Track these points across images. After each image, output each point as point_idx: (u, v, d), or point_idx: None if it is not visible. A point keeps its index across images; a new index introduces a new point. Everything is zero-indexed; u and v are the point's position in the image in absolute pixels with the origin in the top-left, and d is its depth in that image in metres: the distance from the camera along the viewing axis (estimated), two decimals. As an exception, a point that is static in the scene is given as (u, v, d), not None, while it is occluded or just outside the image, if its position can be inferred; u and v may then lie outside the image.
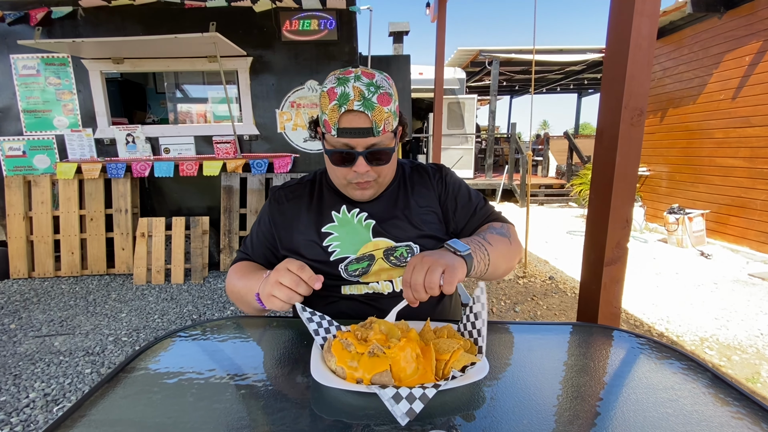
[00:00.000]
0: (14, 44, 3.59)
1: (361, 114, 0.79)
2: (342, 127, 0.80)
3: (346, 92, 0.79)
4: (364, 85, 0.80)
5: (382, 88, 0.81)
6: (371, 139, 0.81)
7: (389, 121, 0.83)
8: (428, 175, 1.01)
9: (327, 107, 0.81)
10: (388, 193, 0.97)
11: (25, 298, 3.26)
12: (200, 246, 3.71)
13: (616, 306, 1.04)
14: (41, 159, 3.91)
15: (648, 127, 6.09)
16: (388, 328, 0.67)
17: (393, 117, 0.84)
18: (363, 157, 0.83)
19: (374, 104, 0.79)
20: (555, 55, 8.15)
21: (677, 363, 0.67)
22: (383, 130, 0.82)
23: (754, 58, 4.39)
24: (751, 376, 2.19)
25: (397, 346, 0.59)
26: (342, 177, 0.88)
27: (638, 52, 0.89)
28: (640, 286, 3.54)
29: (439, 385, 0.54)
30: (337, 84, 0.80)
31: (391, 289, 0.91)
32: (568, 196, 8.37)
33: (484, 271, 0.82)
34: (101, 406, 0.55)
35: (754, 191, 4.40)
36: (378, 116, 0.80)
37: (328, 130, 0.83)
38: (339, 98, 0.79)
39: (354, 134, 0.80)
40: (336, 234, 0.92)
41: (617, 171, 0.96)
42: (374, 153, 0.84)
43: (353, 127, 0.80)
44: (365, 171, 0.84)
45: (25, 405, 1.91)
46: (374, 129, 0.80)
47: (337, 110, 0.79)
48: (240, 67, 3.88)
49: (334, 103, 0.79)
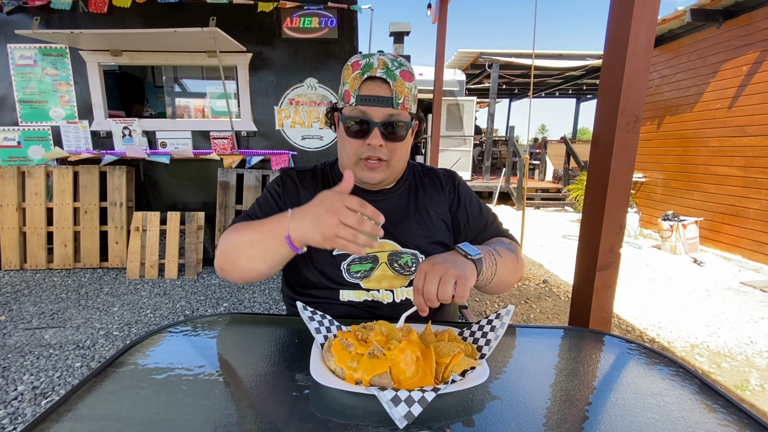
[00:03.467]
0: (11, 34, 3.55)
1: (382, 82, 0.81)
2: (362, 94, 0.81)
3: (371, 62, 0.81)
4: (388, 59, 0.82)
5: (405, 66, 0.83)
6: (389, 109, 0.81)
7: (408, 99, 0.83)
8: (440, 181, 1.00)
9: (349, 77, 0.82)
10: (399, 193, 0.95)
11: (16, 290, 3.23)
12: (195, 241, 3.70)
13: (608, 311, 1.05)
14: (36, 150, 3.88)
15: (644, 134, 6.13)
16: (389, 329, 0.67)
17: (413, 98, 0.85)
18: (378, 129, 0.82)
19: (396, 75, 0.81)
20: (555, 60, 8.20)
21: (666, 369, 0.68)
22: (402, 104, 0.82)
23: (750, 68, 4.43)
24: (740, 384, 2.21)
25: (397, 348, 0.59)
26: (354, 152, 0.85)
27: (635, 59, 0.90)
28: (633, 292, 3.56)
29: (439, 388, 0.54)
30: (362, 57, 0.83)
31: (391, 299, 0.89)
32: (564, 200, 8.41)
33: (489, 279, 0.81)
34: (88, 401, 0.55)
35: (748, 200, 4.44)
36: (399, 88, 0.81)
37: (347, 101, 0.83)
38: (363, 67, 0.81)
39: (373, 102, 0.81)
40: None
41: (612, 177, 0.97)
42: (390, 125, 0.83)
43: (373, 94, 0.81)
44: (379, 144, 0.83)
45: (13, 398, 1.90)
46: (394, 99, 0.81)
47: (359, 78, 0.81)
48: (239, 63, 3.86)
49: (357, 72, 0.81)
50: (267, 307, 3.06)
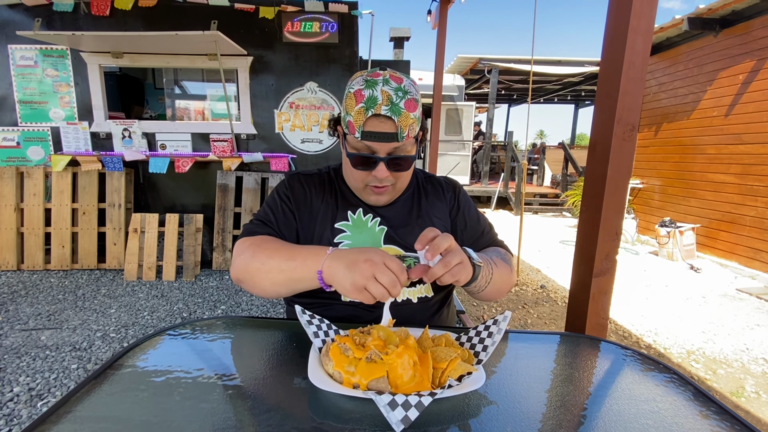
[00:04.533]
0: (12, 34, 3.56)
1: (387, 119, 0.79)
2: (367, 130, 0.80)
3: (374, 96, 0.78)
4: (392, 89, 0.79)
5: (409, 93, 0.81)
6: (394, 144, 0.82)
7: (413, 127, 0.83)
8: (442, 188, 1.03)
9: (353, 109, 0.80)
10: (403, 200, 0.98)
11: (13, 291, 3.22)
12: (193, 243, 3.69)
13: (604, 317, 1.06)
14: (35, 150, 3.88)
15: (642, 141, 6.17)
16: (387, 334, 0.67)
17: (417, 122, 0.84)
18: (384, 163, 0.83)
19: (401, 110, 0.79)
20: (553, 66, 8.24)
21: (660, 375, 0.68)
22: (407, 135, 0.82)
23: (747, 76, 4.48)
24: (736, 390, 2.22)
25: (394, 352, 0.60)
26: (360, 180, 0.88)
27: (632, 68, 0.91)
28: (630, 298, 3.57)
29: (435, 393, 0.54)
30: (365, 86, 0.79)
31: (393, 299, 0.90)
32: (562, 206, 8.44)
33: (483, 287, 0.83)
34: (87, 403, 0.55)
35: (745, 207, 4.47)
36: (404, 122, 0.80)
37: (351, 132, 0.82)
38: (366, 101, 0.78)
39: (378, 138, 0.80)
40: (348, 233, 0.92)
41: (608, 183, 0.98)
42: (396, 159, 0.84)
43: (378, 131, 0.80)
44: (385, 176, 0.85)
45: (9, 399, 1.89)
46: (399, 134, 0.80)
47: (363, 113, 0.79)
48: (240, 66, 3.88)
49: (360, 106, 0.79)
50: (264, 310, 3.06)
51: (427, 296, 0.92)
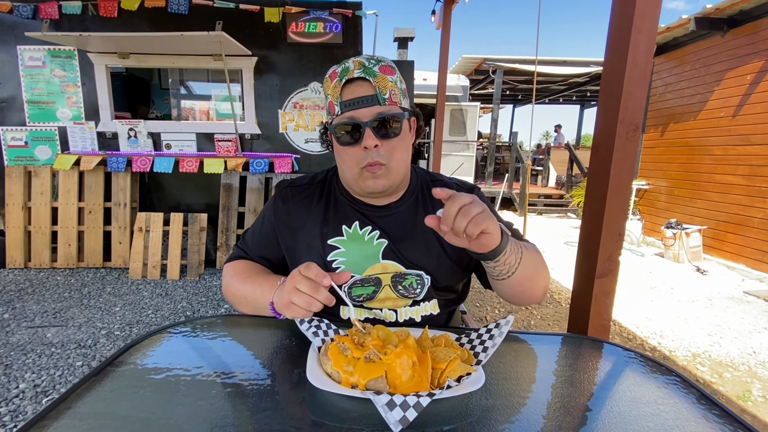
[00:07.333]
0: (21, 36, 3.60)
1: (362, 81, 0.76)
2: (345, 99, 0.77)
3: (347, 66, 0.78)
4: (364, 58, 0.79)
5: (383, 61, 0.80)
6: (377, 107, 0.76)
7: (395, 93, 0.78)
8: None
9: (329, 87, 0.79)
10: (405, 207, 0.89)
11: (19, 288, 3.25)
12: (197, 243, 3.71)
13: (606, 318, 1.05)
14: (43, 150, 3.92)
15: (648, 142, 6.12)
16: (386, 334, 0.67)
17: (399, 92, 0.79)
18: (370, 128, 0.77)
19: (376, 72, 0.76)
20: (558, 66, 8.20)
21: (662, 378, 0.68)
22: (389, 99, 0.77)
23: (755, 77, 4.43)
24: (742, 394, 2.19)
25: (393, 352, 0.60)
26: (353, 162, 0.80)
27: (635, 68, 0.90)
28: (635, 300, 3.54)
29: (434, 393, 0.54)
30: (338, 65, 0.80)
31: (394, 318, 0.85)
32: (567, 206, 8.39)
33: (513, 267, 0.73)
34: (87, 399, 0.55)
35: (752, 209, 4.42)
36: (381, 83, 0.76)
37: (332, 112, 0.80)
38: (340, 73, 0.78)
39: (358, 104, 0.76)
40: (343, 249, 0.85)
41: (611, 184, 0.97)
42: (382, 122, 0.77)
43: (356, 96, 0.76)
44: (374, 145, 0.77)
45: (15, 395, 1.91)
46: (379, 96, 0.76)
47: (339, 84, 0.77)
48: (244, 67, 3.90)
49: (335, 81, 0.78)
50: (268, 309, 3.07)
51: (432, 314, 0.87)
